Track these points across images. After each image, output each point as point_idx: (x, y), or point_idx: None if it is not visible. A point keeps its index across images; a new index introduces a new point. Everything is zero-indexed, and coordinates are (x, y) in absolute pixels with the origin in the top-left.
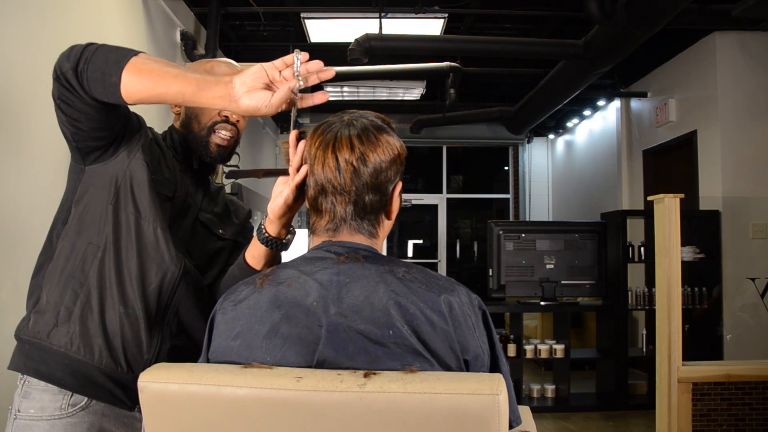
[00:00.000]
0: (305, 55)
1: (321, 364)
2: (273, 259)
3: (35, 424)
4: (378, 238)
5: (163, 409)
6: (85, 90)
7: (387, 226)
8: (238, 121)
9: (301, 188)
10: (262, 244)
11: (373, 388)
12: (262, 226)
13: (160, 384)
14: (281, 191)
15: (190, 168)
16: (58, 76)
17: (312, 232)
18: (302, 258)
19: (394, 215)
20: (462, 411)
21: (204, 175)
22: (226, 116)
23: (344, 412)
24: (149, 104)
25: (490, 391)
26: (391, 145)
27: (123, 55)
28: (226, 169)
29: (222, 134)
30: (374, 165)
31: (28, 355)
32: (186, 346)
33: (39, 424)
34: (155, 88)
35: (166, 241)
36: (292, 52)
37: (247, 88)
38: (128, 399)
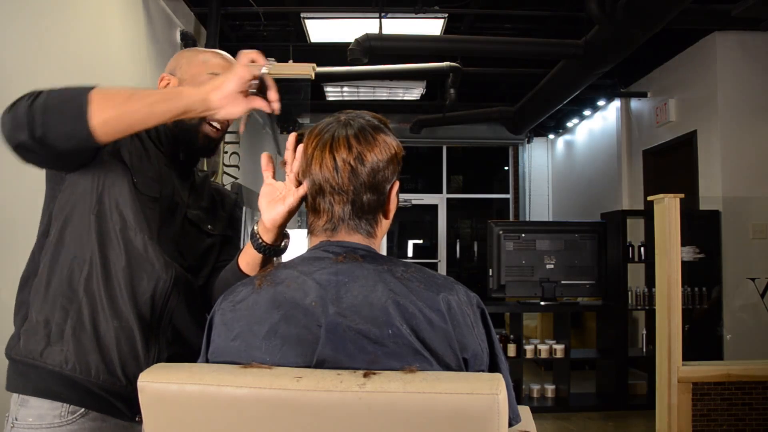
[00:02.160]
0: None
1: (320, 364)
2: (268, 265)
3: None
4: (376, 238)
5: (163, 410)
6: (53, 149)
7: (385, 225)
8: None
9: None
10: (258, 252)
11: (373, 388)
12: (257, 234)
13: (160, 384)
14: (285, 199)
15: (175, 160)
16: (16, 147)
17: (310, 232)
18: (300, 258)
19: (391, 215)
20: (462, 411)
21: (189, 167)
22: None
23: (344, 412)
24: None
25: (490, 390)
26: (388, 144)
27: (78, 106)
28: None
29: (214, 125)
30: (372, 164)
31: (23, 375)
32: (184, 353)
33: None
34: (134, 125)
35: (154, 249)
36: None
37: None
38: (129, 410)
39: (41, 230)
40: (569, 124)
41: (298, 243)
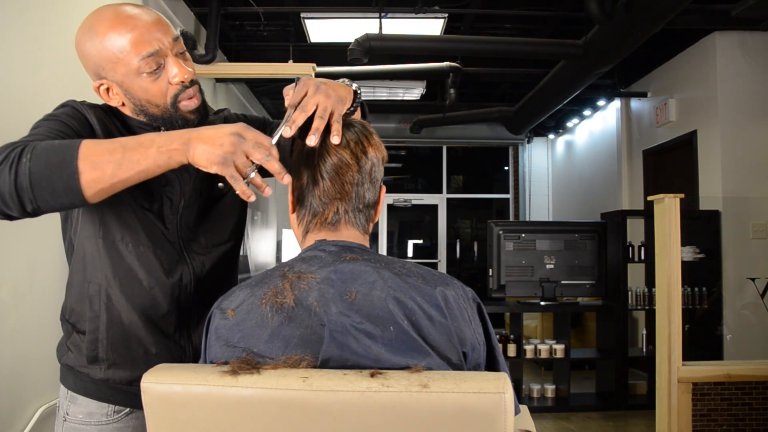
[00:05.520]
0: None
1: (325, 364)
2: None
3: (84, 428)
4: (368, 235)
5: (167, 411)
6: (43, 213)
7: (371, 226)
8: (192, 80)
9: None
10: None
11: (379, 387)
12: None
13: (164, 385)
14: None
15: None
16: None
17: (306, 230)
18: (298, 258)
19: (378, 216)
20: (468, 410)
21: None
22: (181, 82)
23: (351, 411)
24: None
25: (497, 389)
26: (381, 146)
27: (68, 177)
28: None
29: (190, 100)
30: (371, 160)
31: (75, 376)
32: None
33: (88, 429)
34: (126, 186)
35: (169, 261)
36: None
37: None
38: None
39: (66, 249)
40: (569, 124)
41: (294, 244)
